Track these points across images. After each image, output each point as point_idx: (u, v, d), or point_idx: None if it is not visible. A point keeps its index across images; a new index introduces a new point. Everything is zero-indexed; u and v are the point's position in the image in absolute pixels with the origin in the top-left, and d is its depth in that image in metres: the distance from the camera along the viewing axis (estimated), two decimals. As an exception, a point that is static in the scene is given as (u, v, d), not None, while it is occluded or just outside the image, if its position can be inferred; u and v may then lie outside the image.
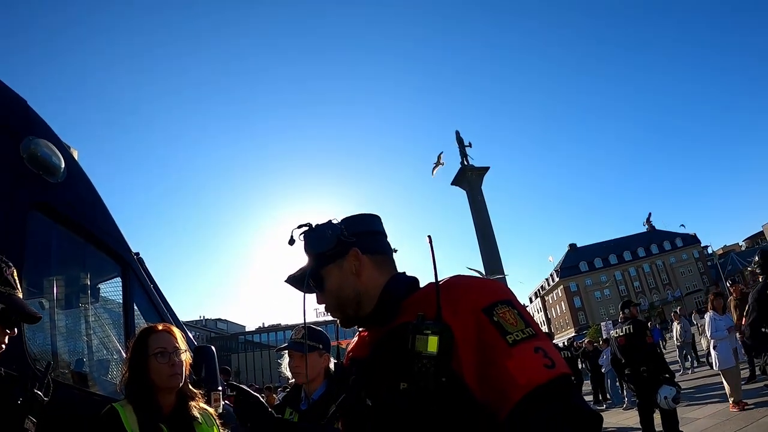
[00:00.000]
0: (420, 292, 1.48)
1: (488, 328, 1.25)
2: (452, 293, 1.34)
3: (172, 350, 2.30)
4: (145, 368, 2.27)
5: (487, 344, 1.24)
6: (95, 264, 3.34)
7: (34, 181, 2.54)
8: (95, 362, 3.43)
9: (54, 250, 2.97)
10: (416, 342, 1.23)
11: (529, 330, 1.26)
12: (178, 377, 2.30)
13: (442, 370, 1.21)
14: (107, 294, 3.58)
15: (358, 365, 1.54)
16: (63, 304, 3.21)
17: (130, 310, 3.35)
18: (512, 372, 1.18)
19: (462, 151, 25.07)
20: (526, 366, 1.19)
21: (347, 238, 1.52)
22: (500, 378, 1.20)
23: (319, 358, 2.92)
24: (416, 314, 1.29)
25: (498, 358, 1.21)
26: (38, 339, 2.84)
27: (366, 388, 1.44)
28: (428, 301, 1.33)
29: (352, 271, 1.52)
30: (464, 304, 1.31)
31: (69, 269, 3.24)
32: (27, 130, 2.55)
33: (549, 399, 1.16)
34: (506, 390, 1.18)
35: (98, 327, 3.55)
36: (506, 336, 1.23)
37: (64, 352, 3.10)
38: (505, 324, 1.26)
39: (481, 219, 22.51)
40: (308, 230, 1.56)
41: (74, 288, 3.29)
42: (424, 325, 1.25)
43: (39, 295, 2.95)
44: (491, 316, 1.27)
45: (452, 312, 1.28)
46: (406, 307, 1.43)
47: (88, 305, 3.38)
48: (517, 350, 1.21)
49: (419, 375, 1.22)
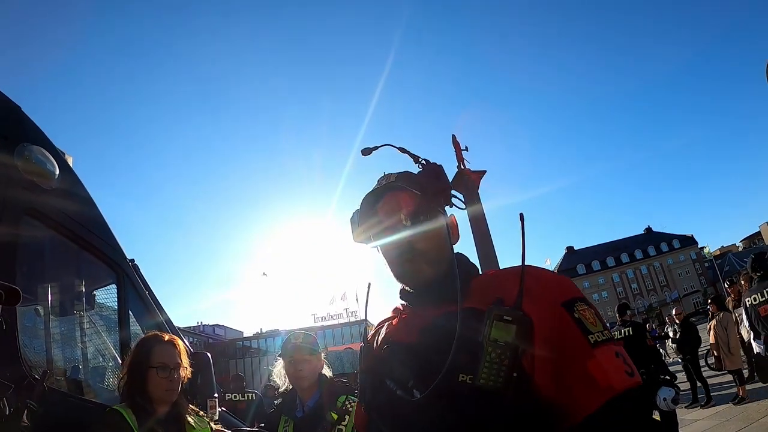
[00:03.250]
0: (485, 277, 1.36)
1: (569, 324, 1.16)
2: (529, 281, 1.20)
3: (173, 366, 2.31)
4: (144, 377, 2.26)
5: (567, 341, 1.14)
6: (90, 271, 3.33)
7: (28, 188, 2.53)
8: (91, 369, 3.42)
9: (48, 256, 2.96)
10: (493, 328, 1.12)
11: (608, 333, 1.18)
12: (174, 393, 2.32)
13: (515, 364, 1.10)
14: (103, 301, 3.57)
15: (403, 350, 1.32)
16: (58, 310, 3.20)
17: (125, 317, 3.33)
18: (595, 375, 1.10)
19: (458, 155, 25.05)
20: (609, 370, 1.10)
21: (456, 201, 1.42)
22: (579, 379, 1.11)
23: (317, 362, 2.91)
24: (484, 300, 1.20)
25: (578, 357, 1.12)
26: (34, 346, 2.83)
27: (414, 378, 1.23)
28: (500, 285, 1.24)
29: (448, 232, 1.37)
30: (544, 294, 1.20)
31: (63, 276, 3.23)
32: (21, 137, 2.54)
33: (628, 408, 1.09)
34: (586, 393, 1.09)
35: (94, 334, 3.54)
36: (588, 335, 1.14)
37: (60, 359, 3.09)
38: (587, 322, 1.17)
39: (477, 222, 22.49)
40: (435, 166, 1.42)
41: (69, 295, 3.28)
42: (504, 310, 1.14)
43: (33, 302, 2.94)
44: (572, 312, 1.18)
45: (530, 301, 1.16)
46: (471, 290, 1.29)
47: (84, 312, 3.37)
48: (599, 352, 1.13)
49: (490, 367, 1.10)
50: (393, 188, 1.38)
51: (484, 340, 1.12)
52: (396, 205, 1.37)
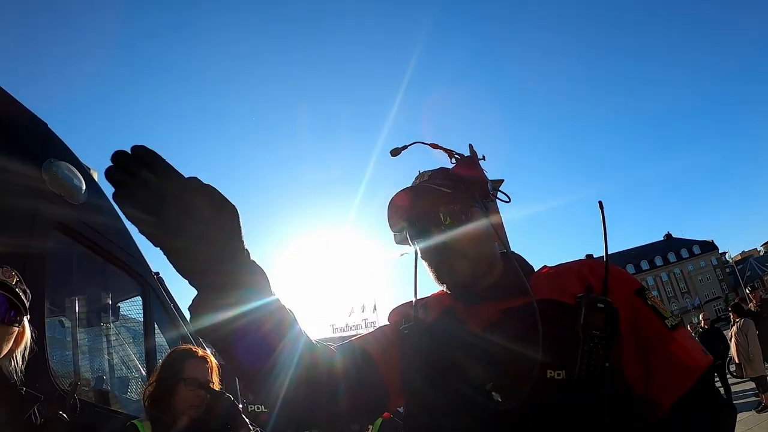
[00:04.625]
0: (545, 272, 1.30)
1: (645, 310, 1.17)
2: (599, 272, 1.19)
3: (204, 382, 2.31)
4: (172, 390, 2.28)
5: (646, 327, 1.15)
6: (116, 283, 3.38)
7: (56, 203, 2.58)
8: (116, 380, 3.46)
9: (75, 270, 3.02)
10: (587, 317, 1.08)
11: (677, 318, 1.20)
12: (199, 410, 2.30)
13: (609, 354, 1.07)
14: (128, 313, 3.62)
15: (470, 347, 1.18)
16: (85, 322, 3.25)
17: (150, 328, 3.38)
18: (680, 355, 1.12)
19: (475, 163, 24.92)
20: (692, 350, 1.14)
21: (502, 193, 1.37)
22: (665, 361, 1.12)
23: None
24: (556, 292, 1.17)
25: (660, 341, 1.14)
26: (61, 357, 2.88)
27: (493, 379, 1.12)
28: (569, 279, 1.21)
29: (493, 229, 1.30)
30: (618, 284, 1.18)
31: (90, 288, 3.29)
32: (48, 153, 2.59)
33: (713, 384, 1.14)
34: (674, 374, 1.11)
35: (119, 345, 3.59)
36: (665, 320, 1.16)
37: (86, 370, 3.13)
38: (659, 308, 1.18)
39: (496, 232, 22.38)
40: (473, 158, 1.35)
41: (95, 307, 3.33)
42: (597, 298, 1.11)
43: (60, 314, 2.99)
44: (645, 299, 1.18)
45: (608, 291, 1.15)
46: (534, 284, 1.20)
47: (110, 324, 3.42)
48: (678, 334, 1.15)
49: (587, 357, 1.05)
50: (423, 189, 1.29)
51: (581, 329, 1.08)
52: (429, 205, 1.28)
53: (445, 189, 1.26)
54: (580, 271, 1.22)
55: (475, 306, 1.25)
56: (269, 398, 1.14)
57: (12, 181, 2.40)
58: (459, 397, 1.14)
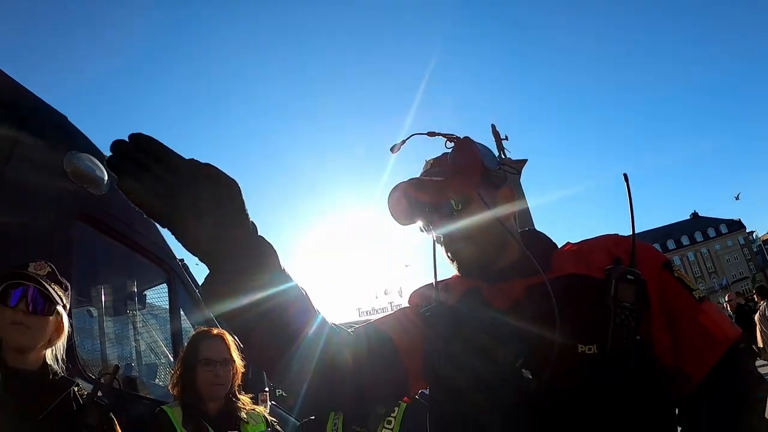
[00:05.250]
0: (569, 249, 1.28)
1: (673, 283, 1.17)
2: (625, 246, 1.18)
3: (220, 360, 2.34)
4: (194, 373, 2.32)
5: (675, 300, 1.14)
6: (141, 272, 3.42)
7: (79, 194, 2.61)
8: (144, 367, 3.52)
9: (100, 259, 3.06)
10: (618, 290, 1.07)
11: (703, 290, 1.20)
12: (221, 388, 2.34)
13: (639, 326, 1.06)
14: (154, 300, 3.66)
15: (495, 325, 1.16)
16: (111, 311, 3.30)
17: (176, 315, 3.43)
18: (709, 327, 1.12)
19: (498, 144, 24.82)
20: (720, 322, 1.14)
21: (510, 168, 1.35)
22: (694, 333, 1.12)
23: None
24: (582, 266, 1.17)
25: (689, 313, 1.13)
26: (88, 346, 2.93)
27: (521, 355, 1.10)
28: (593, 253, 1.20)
29: (504, 209, 1.27)
30: (644, 258, 1.17)
31: (116, 278, 3.33)
32: (68, 145, 2.62)
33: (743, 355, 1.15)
34: (704, 345, 1.11)
35: (146, 332, 3.64)
36: (692, 292, 1.16)
37: (114, 358, 3.19)
38: (686, 281, 1.18)
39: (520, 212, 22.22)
40: (468, 140, 1.29)
41: (121, 296, 3.38)
42: (626, 269, 1.10)
43: (87, 303, 3.03)
44: (672, 272, 1.18)
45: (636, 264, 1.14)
46: (558, 260, 1.23)
47: (136, 312, 3.47)
48: (706, 307, 1.15)
49: (619, 331, 1.04)
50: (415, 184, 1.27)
51: (612, 302, 1.07)
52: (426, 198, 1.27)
53: (437, 178, 1.25)
54: (607, 245, 1.21)
55: (498, 284, 1.23)
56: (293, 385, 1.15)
57: (35, 174, 2.43)
58: (487, 377, 1.13)
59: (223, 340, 2.42)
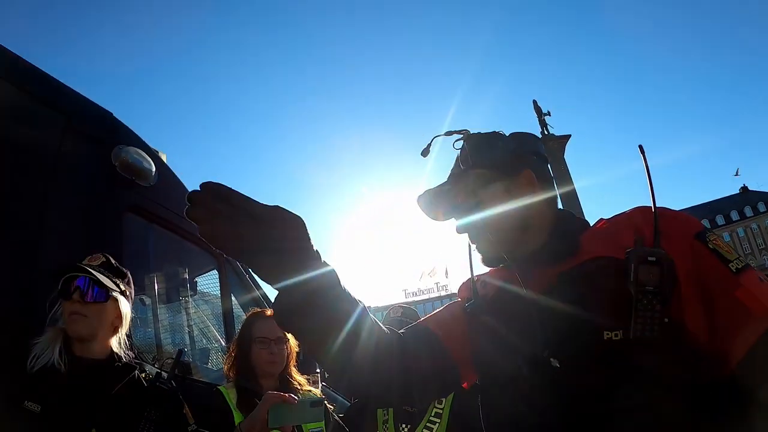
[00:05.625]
0: (598, 227, 1.27)
1: (707, 255, 1.08)
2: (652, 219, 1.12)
3: (274, 338, 2.40)
4: (248, 352, 2.39)
5: (709, 274, 1.07)
6: (192, 259, 3.50)
7: (128, 187, 2.70)
8: (198, 351, 3.62)
9: (151, 249, 3.15)
10: (639, 273, 1.04)
11: (743, 259, 1.10)
12: (276, 365, 2.40)
13: (667, 309, 1.02)
14: (205, 287, 3.76)
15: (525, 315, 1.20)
16: (164, 299, 3.39)
17: (228, 300, 3.51)
18: (747, 303, 1.02)
19: (541, 120, 24.30)
20: (760, 296, 1.03)
21: (524, 154, 1.33)
22: (731, 311, 1.03)
23: None
24: (610, 248, 1.13)
25: (725, 289, 1.05)
26: (142, 334, 3.03)
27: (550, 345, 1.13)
28: (621, 231, 1.16)
29: (523, 195, 1.28)
30: (675, 229, 1.12)
31: (167, 266, 3.42)
32: (116, 140, 2.70)
33: None
34: (742, 324, 1.01)
35: (198, 318, 3.74)
36: (728, 264, 1.07)
37: (169, 344, 3.29)
38: (722, 251, 1.09)
39: (565, 189, 21.87)
40: (472, 136, 1.34)
41: (173, 283, 3.47)
42: (647, 251, 1.05)
43: (140, 292, 3.13)
44: (706, 243, 1.10)
45: (663, 240, 1.08)
46: (587, 242, 1.20)
47: (188, 299, 3.56)
48: (744, 279, 1.05)
49: (644, 315, 1.01)
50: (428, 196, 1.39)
51: (632, 287, 1.04)
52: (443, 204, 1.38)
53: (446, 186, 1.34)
54: (633, 220, 1.16)
55: (533, 271, 1.24)
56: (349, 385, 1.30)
57: (85, 170, 2.52)
58: (521, 366, 1.17)
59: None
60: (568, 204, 21.77)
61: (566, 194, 21.86)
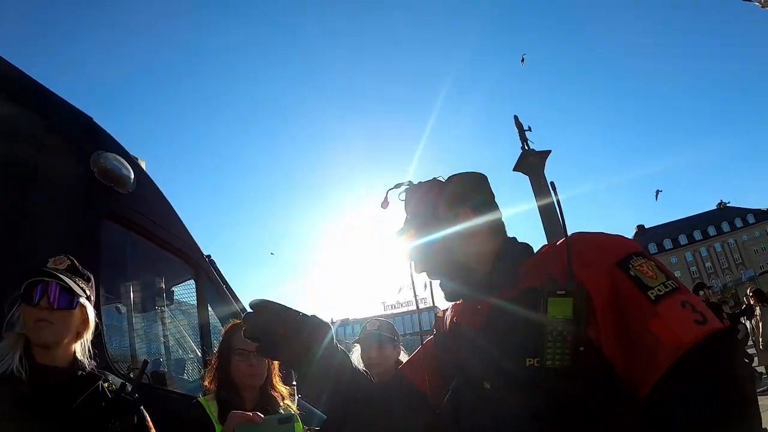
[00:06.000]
0: (538, 255, 1.32)
1: (626, 284, 1.10)
2: (578, 248, 1.15)
3: (253, 350, 2.33)
4: (228, 364, 2.34)
5: (627, 303, 1.09)
6: (169, 268, 3.46)
7: (106, 193, 2.66)
8: (173, 362, 3.57)
9: (128, 257, 3.10)
10: (549, 306, 1.09)
11: (672, 282, 1.09)
12: (256, 377, 2.33)
13: (579, 339, 1.06)
14: (182, 296, 3.71)
15: (465, 340, 1.32)
16: (140, 307, 3.35)
17: (204, 310, 3.46)
18: (659, 333, 1.02)
19: (522, 135, 24.52)
20: (674, 324, 1.02)
21: (463, 194, 1.39)
22: (645, 341, 1.04)
23: (393, 350, 2.93)
24: (539, 278, 1.15)
25: (641, 318, 1.06)
26: (117, 342, 2.98)
27: (483, 370, 1.23)
28: (552, 260, 1.19)
29: (465, 233, 1.35)
30: (594, 259, 1.15)
31: (144, 274, 3.38)
32: (95, 145, 2.66)
33: (703, 362, 1.00)
34: (653, 355, 1.03)
35: (174, 328, 3.69)
36: (647, 291, 1.07)
37: (143, 353, 3.23)
38: (645, 278, 1.10)
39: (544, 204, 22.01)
40: (413, 187, 1.43)
41: (150, 292, 3.43)
42: (557, 285, 1.10)
43: (116, 300, 3.08)
44: (627, 270, 1.11)
45: (583, 269, 1.12)
46: (525, 271, 1.26)
47: (165, 308, 3.51)
48: (661, 307, 1.05)
49: (555, 345, 1.07)
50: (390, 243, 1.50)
51: (543, 319, 1.09)
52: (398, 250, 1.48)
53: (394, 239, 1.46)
54: (559, 252, 1.19)
55: (479, 302, 1.34)
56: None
57: (63, 175, 2.48)
58: (462, 392, 1.31)
59: None
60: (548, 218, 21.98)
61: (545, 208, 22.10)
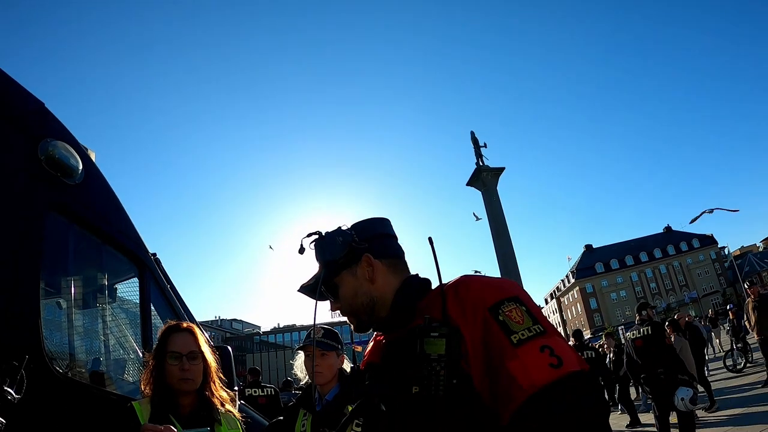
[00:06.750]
0: (430, 295, 1.45)
1: (494, 328, 1.23)
2: (460, 293, 1.32)
3: (186, 353, 2.29)
4: (161, 366, 2.28)
5: (493, 345, 1.22)
6: (112, 264, 3.35)
7: (52, 183, 2.56)
8: (112, 361, 3.46)
9: (71, 250, 2.99)
10: (425, 345, 1.22)
11: (537, 327, 1.22)
12: (189, 382, 2.29)
13: (452, 373, 1.21)
14: (124, 294, 3.60)
15: (372, 370, 1.55)
16: (80, 304, 3.24)
17: (147, 310, 3.36)
18: (515, 374, 1.15)
19: (477, 151, 24.93)
20: (529, 367, 1.15)
21: (358, 244, 1.49)
22: (504, 381, 1.17)
23: (336, 358, 2.92)
24: (422, 318, 1.29)
25: (502, 359, 1.19)
26: (56, 339, 2.87)
27: (380, 393, 1.44)
28: (436, 302, 1.32)
29: (366, 277, 1.49)
30: (471, 303, 1.29)
31: (86, 270, 3.27)
32: (44, 132, 2.57)
33: (553, 401, 1.10)
34: (510, 393, 1.15)
35: (115, 327, 3.58)
36: (511, 336, 1.20)
37: (82, 351, 3.12)
38: (511, 323, 1.23)
39: (496, 220, 22.38)
40: (318, 238, 1.53)
41: (91, 288, 3.32)
42: (431, 327, 1.24)
43: (56, 295, 2.98)
44: (497, 315, 1.24)
45: (461, 312, 1.28)
46: (420, 309, 1.40)
47: (106, 305, 3.41)
48: (521, 350, 1.18)
49: (429, 378, 1.21)
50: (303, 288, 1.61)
51: (418, 356, 1.23)
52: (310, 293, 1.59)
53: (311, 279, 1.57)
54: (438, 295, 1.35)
55: (385, 334, 1.56)
56: None
57: (7, 160, 2.38)
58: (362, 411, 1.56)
59: (191, 333, 2.37)
60: (498, 234, 22.31)
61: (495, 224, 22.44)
